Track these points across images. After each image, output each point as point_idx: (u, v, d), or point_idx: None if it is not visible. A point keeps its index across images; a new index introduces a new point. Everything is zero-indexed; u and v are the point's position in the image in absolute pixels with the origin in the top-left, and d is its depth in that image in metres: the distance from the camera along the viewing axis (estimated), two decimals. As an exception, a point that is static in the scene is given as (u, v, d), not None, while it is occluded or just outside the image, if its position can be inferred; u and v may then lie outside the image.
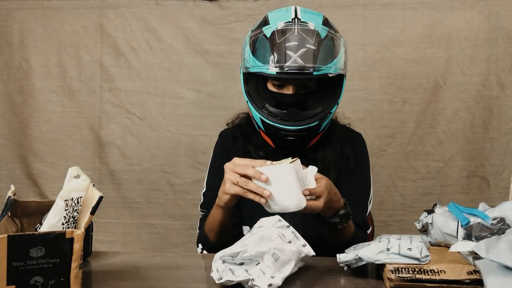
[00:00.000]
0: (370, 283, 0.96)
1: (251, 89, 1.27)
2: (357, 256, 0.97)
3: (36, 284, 0.81)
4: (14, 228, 0.99)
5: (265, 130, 1.25)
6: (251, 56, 1.22)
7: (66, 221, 0.91)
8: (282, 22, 1.21)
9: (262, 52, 1.20)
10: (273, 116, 1.22)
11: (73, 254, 0.83)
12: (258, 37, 1.23)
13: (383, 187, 2.02)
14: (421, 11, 2.00)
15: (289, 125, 1.20)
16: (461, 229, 0.99)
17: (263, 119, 1.22)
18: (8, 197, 0.95)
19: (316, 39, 1.19)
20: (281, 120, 1.21)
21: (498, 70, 1.97)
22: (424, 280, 0.89)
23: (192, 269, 1.08)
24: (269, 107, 1.23)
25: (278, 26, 1.21)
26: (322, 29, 1.21)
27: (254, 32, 1.25)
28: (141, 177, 2.10)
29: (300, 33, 1.19)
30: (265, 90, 1.27)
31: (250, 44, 1.24)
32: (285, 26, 1.20)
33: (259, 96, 1.26)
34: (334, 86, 1.26)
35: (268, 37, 1.20)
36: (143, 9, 2.09)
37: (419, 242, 0.97)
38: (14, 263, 0.79)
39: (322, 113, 1.22)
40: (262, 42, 1.21)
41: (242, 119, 1.42)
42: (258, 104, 1.25)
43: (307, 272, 1.03)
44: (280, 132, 1.21)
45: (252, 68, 1.22)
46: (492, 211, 1.00)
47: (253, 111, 1.26)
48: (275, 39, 1.19)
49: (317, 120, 1.21)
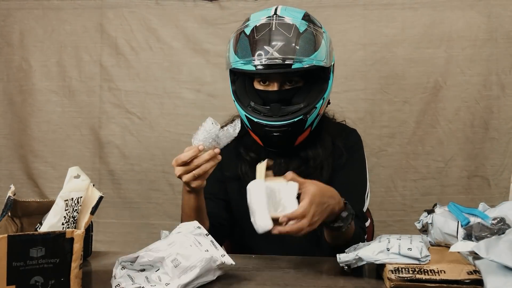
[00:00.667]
0: (370, 283, 0.96)
1: (238, 88, 1.29)
2: (357, 256, 0.97)
3: (36, 284, 0.81)
4: (14, 228, 0.99)
5: (251, 127, 1.26)
6: (233, 54, 1.24)
7: (66, 221, 0.91)
8: (261, 18, 1.23)
9: (242, 49, 1.21)
10: (257, 112, 1.22)
11: (73, 254, 0.83)
12: (239, 34, 1.25)
13: (383, 187, 2.02)
14: (421, 11, 2.00)
15: (273, 120, 1.20)
16: (461, 229, 0.99)
17: (248, 116, 1.23)
18: (8, 197, 0.95)
19: (293, 33, 1.19)
20: (265, 116, 1.21)
21: (498, 70, 1.97)
22: (424, 280, 0.89)
23: (192, 269, 1.08)
24: (254, 104, 1.24)
25: (257, 23, 1.22)
26: (301, 23, 1.22)
27: (236, 30, 1.27)
28: (140, 177, 2.10)
29: (277, 28, 1.20)
30: (251, 89, 1.27)
31: (233, 42, 1.26)
32: (263, 22, 1.22)
33: (246, 95, 1.27)
34: (320, 80, 1.26)
35: (247, 34, 1.22)
36: (143, 9, 2.09)
37: (419, 242, 0.97)
38: (14, 263, 0.79)
39: (306, 108, 1.21)
40: (242, 39, 1.23)
41: None
42: (244, 102, 1.26)
43: (307, 272, 1.03)
44: (265, 128, 1.21)
45: (234, 64, 1.23)
46: (492, 211, 1.00)
47: (239, 109, 1.27)
48: (253, 36, 1.21)
49: (301, 115, 1.20)
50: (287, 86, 1.23)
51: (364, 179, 1.35)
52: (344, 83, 2.00)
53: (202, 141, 1.05)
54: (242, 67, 1.20)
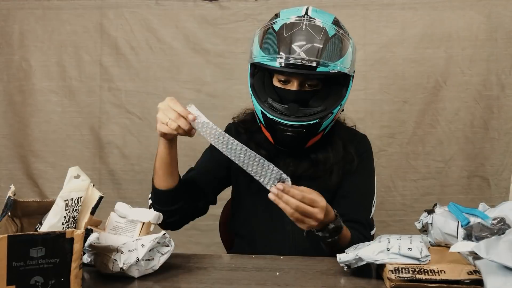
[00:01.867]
0: (370, 283, 0.96)
1: (256, 82, 1.28)
2: (357, 256, 0.97)
3: (36, 284, 0.81)
4: (14, 228, 0.99)
5: (265, 124, 1.25)
6: (258, 48, 1.23)
7: (66, 221, 0.91)
8: (291, 17, 1.22)
9: (269, 45, 1.21)
10: (274, 110, 1.22)
11: (73, 254, 0.83)
12: (267, 29, 1.23)
13: (383, 187, 2.02)
14: (421, 11, 2.00)
15: (289, 120, 1.19)
16: (461, 229, 0.99)
17: (264, 112, 1.22)
18: (8, 197, 0.95)
19: (323, 36, 1.19)
20: (281, 114, 1.20)
21: (498, 70, 1.97)
22: (424, 280, 0.89)
23: (192, 269, 1.08)
24: (271, 101, 1.24)
25: (287, 21, 1.22)
26: (330, 27, 1.22)
27: (264, 25, 1.26)
28: (141, 177, 2.10)
29: (307, 29, 1.19)
30: (270, 85, 1.27)
31: (259, 36, 1.24)
32: (294, 21, 1.21)
33: (263, 90, 1.26)
34: (339, 86, 1.25)
35: (276, 30, 1.21)
36: (143, 9, 2.09)
37: (419, 242, 0.97)
38: (14, 263, 0.79)
39: (323, 112, 1.21)
40: (270, 35, 1.22)
41: (248, 115, 1.42)
42: (261, 97, 1.25)
43: (307, 272, 1.03)
44: (279, 126, 1.21)
45: (257, 59, 1.22)
46: (492, 211, 1.00)
47: (255, 103, 1.26)
48: (282, 33, 1.20)
49: (317, 119, 1.20)
50: (306, 87, 1.23)
51: (372, 187, 1.36)
52: (344, 83, 2.00)
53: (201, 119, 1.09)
54: (266, 63, 1.20)
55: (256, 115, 1.28)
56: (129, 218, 1.07)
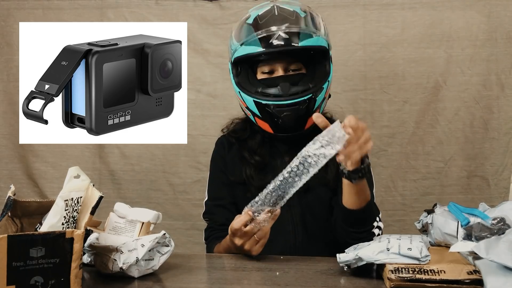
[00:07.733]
0: (370, 283, 0.96)
1: (241, 80, 1.30)
2: (357, 256, 0.97)
3: (36, 284, 0.81)
4: (14, 228, 0.99)
5: (260, 114, 1.26)
6: (236, 43, 1.27)
7: (66, 221, 0.91)
8: (261, 10, 1.30)
9: (247, 36, 1.25)
10: (267, 95, 1.24)
11: (73, 254, 0.83)
12: (242, 26, 1.29)
13: (383, 187, 2.02)
14: (421, 11, 1.99)
15: (283, 100, 1.22)
16: (461, 229, 0.99)
17: (258, 101, 1.24)
18: (8, 197, 0.95)
19: (296, 16, 1.27)
20: (275, 97, 1.23)
21: (498, 70, 1.97)
22: (424, 280, 0.89)
23: (192, 269, 1.08)
24: (261, 89, 1.26)
25: (259, 12, 1.29)
26: (300, 10, 1.29)
27: (237, 24, 1.32)
28: (141, 177, 2.10)
29: (280, 13, 1.27)
30: (254, 80, 1.30)
31: (235, 34, 1.30)
32: (265, 10, 1.29)
33: (250, 85, 1.29)
34: (322, 65, 1.29)
35: (250, 23, 1.27)
36: (143, 9, 2.08)
37: (419, 242, 0.97)
38: (14, 263, 0.79)
39: (314, 88, 1.24)
40: (246, 28, 1.27)
41: (237, 125, 1.43)
42: (251, 90, 1.27)
43: (307, 272, 1.03)
44: (276, 109, 1.22)
45: (238, 53, 1.26)
46: (492, 211, 1.00)
47: (245, 98, 1.27)
48: (257, 23, 1.26)
49: (310, 93, 1.23)
50: (291, 71, 1.27)
51: (371, 177, 1.36)
52: (344, 83, 2.00)
53: (254, 204, 1.05)
54: (250, 51, 1.24)
55: (249, 112, 1.29)
56: (128, 218, 1.07)
